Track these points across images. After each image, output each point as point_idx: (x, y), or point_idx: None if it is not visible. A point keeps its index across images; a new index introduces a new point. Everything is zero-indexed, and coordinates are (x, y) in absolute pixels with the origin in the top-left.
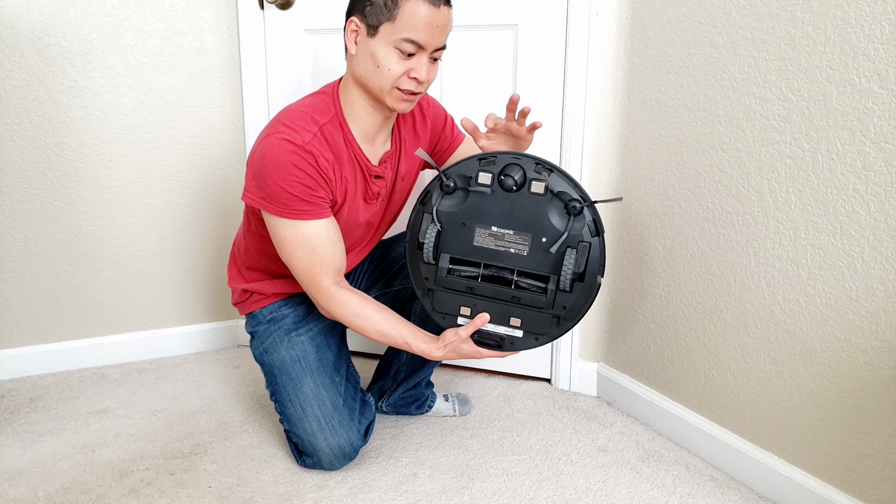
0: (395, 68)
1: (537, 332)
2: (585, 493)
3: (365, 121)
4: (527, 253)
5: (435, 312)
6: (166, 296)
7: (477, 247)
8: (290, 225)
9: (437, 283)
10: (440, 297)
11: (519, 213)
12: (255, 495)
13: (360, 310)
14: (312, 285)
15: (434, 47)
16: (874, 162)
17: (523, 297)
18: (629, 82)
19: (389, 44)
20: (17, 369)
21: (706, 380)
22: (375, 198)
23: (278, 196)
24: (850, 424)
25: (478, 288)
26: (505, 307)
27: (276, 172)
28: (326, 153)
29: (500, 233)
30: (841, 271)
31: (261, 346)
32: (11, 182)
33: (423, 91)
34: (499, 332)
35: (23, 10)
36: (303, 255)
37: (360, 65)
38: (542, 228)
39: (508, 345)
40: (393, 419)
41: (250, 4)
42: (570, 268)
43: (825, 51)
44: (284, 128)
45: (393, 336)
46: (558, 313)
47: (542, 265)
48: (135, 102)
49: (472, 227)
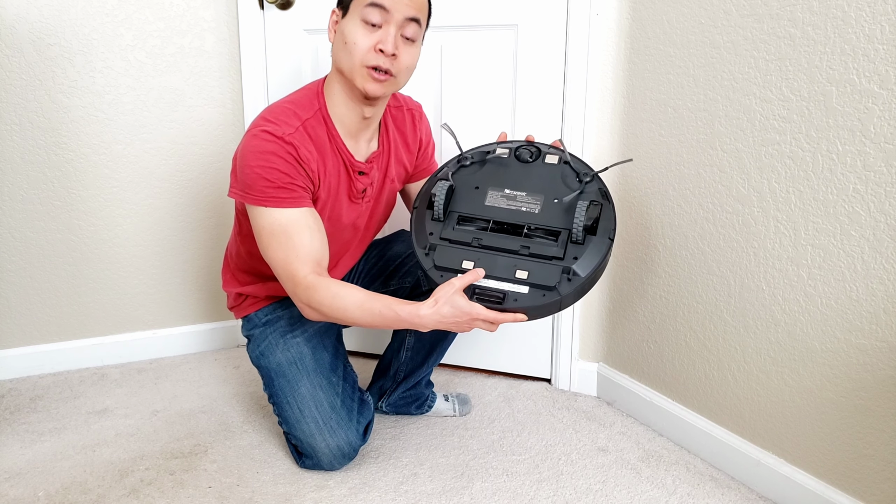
0: (361, 42)
1: (545, 286)
2: (585, 494)
3: (346, 115)
4: (538, 211)
5: (433, 269)
6: (166, 296)
7: (488, 206)
8: (267, 213)
9: (443, 237)
10: (442, 251)
11: (533, 179)
12: (255, 495)
13: (339, 289)
14: (289, 279)
15: (402, 15)
16: (874, 162)
17: (533, 247)
18: (629, 82)
19: (357, 17)
20: (17, 369)
21: (706, 380)
22: (360, 196)
23: (255, 183)
24: (850, 424)
25: (485, 238)
26: (511, 260)
27: (254, 161)
28: (308, 146)
29: (513, 194)
30: (841, 271)
31: (257, 350)
32: (11, 182)
33: (394, 72)
34: (501, 287)
35: (23, 10)
36: (278, 245)
37: (335, 50)
38: (556, 191)
39: (511, 301)
40: (393, 419)
41: (250, 4)
42: (582, 215)
43: (825, 51)
44: (266, 122)
45: (376, 305)
46: (569, 264)
47: (555, 220)
48: (135, 102)
49: (486, 189)
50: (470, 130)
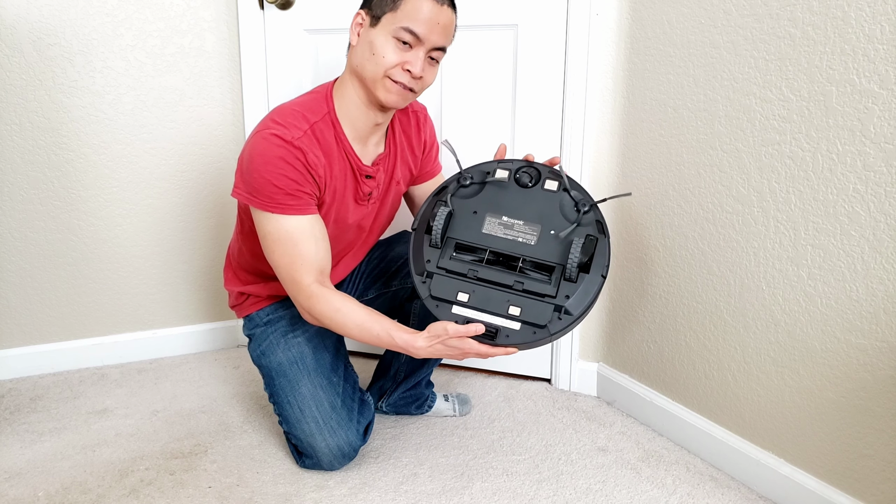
0: (390, 57)
1: (536, 323)
2: (585, 493)
3: (359, 119)
4: (534, 243)
5: (429, 299)
6: (166, 296)
7: (485, 234)
8: (273, 220)
9: (440, 266)
10: (439, 281)
11: (531, 207)
12: (255, 495)
13: (341, 305)
14: (293, 283)
15: (432, 45)
16: (874, 162)
17: (526, 283)
18: (629, 82)
19: (388, 33)
20: (17, 369)
21: (706, 380)
22: (367, 199)
23: (263, 189)
24: (850, 424)
25: (480, 271)
26: (505, 295)
27: (262, 166)
28: (316, 150)
29: (510, 222)
30: (841, 271)
31: (258, 349)
32: (11, 182)
33: (416, 90)
34: (494, 322)
35: (23, 10)
36: (284, 252)
37: (358, 54)
38: (552, 222)
39: (503, 337)
40: (393, 419)
41: (250, 4)
42: (577, 253)
43: (825, 51)
44: (275, 125)
45: (375, 328)
46: (560, 303)
47: (550, 254)
48: (135, 102)
49: (483, 215)
50: (470, 131)
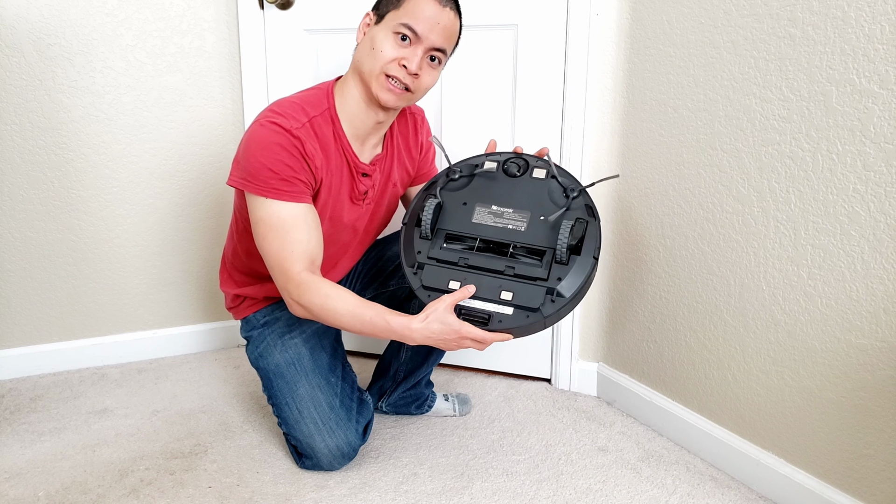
0: (388, 51)
1: (528, 307)
2: (585, 493)
3: (358, 117)
4: (524, 229)
5: (421, 289)
6: (166, 296)
7: (475, 223)
8: (267, 205)
9: (430, 256)
10: (430, 271)
11: (520, 195)
12: (255, 495)
13: (331, 290)
14: (282, 273)
15: (431, 44)
16: (874, 162)
17: (518, 267)
18: (629, 82)
19: (389, 29)
20: (17, 369)
21: (706, 380)
22: (362, 198)
23: (259, 173)
24: (850, 424)
25: (471, 258)
26: (497, 281)
27: (259, 151)
28: (313, 142)
29: (500, 211)
30: (841, 271)
31: (256, 351)
32: (11, 182)
33: (412, 89)
34: (486, 308)
35: (23, 10)
36: (275, 238)
37: (360, 50)
38: (542, 208)
39: (496, 322)
40: (393, 419)
41: (250, 4)
42: (566, 235)
43: (825, 51)
44: (274, 114)
45: (367, 313)
46: (552, 285)
47: (540, 239)
48: (135, 102)
49: (473, 205)
50: (470, 131)
